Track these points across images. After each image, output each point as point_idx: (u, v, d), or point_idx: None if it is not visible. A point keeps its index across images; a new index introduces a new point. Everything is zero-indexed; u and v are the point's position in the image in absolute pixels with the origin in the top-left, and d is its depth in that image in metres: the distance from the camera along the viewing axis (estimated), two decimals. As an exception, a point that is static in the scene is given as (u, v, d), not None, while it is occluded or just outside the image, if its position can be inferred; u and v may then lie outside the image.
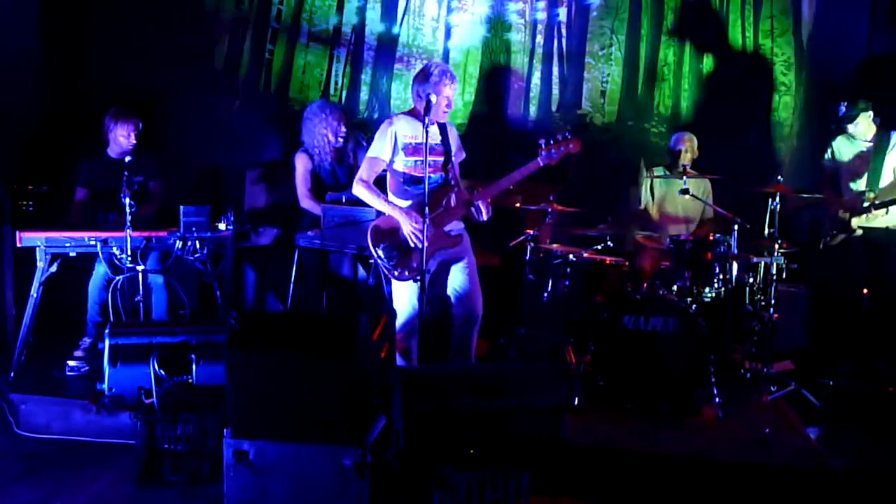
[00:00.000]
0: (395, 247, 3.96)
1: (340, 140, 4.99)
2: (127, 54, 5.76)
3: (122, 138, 4.77)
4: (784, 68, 5.92)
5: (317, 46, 6.17)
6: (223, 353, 3.08)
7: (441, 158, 4.03)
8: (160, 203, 4.92)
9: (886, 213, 4.74)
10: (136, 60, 5.74)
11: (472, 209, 4.02)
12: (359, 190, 4.06)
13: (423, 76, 3.98)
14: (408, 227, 3.94)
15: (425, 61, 6.04)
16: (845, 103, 4.87)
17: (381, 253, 3.95)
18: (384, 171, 4.10)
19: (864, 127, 4.87)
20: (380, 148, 4.04)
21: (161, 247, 4.46)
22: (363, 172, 4.06)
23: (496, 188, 4.01)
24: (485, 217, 4.01)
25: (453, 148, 4.10)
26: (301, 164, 5.01)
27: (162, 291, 4.66)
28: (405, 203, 4.02)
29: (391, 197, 4.08)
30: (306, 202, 4.99)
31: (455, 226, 4.11)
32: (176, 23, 5.92)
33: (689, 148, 5.20)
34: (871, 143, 4.89)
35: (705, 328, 4.18)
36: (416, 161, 4.01)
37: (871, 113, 4.86)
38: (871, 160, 4.85)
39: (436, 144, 3.96)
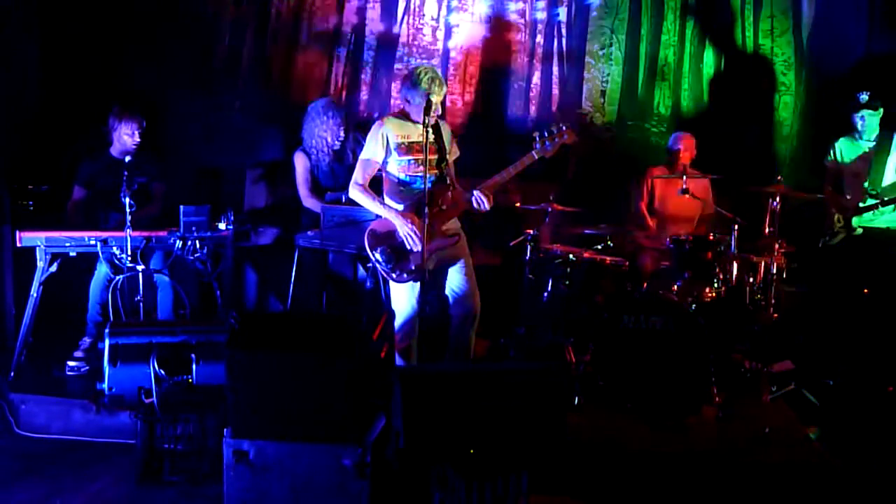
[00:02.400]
0: (392, 249, 3.95)
1: (338, 143, 4.99)
2: (127, 54, 5.75)
3: (126, 136, 4.77)
4: (784, 68, 5.93)
5: (317, 46, 6.17)
6: (223, 353, 3.08)
7: (435, 157, 4.01)
8: (164, 204, 4.91)
9: (893, 209, 4.75)
10: (135, 60, 5.73)
11: (474, 201, 3.98)
12: (354, 193, 4.07)
13: (412, 82, 3.92)
14: (403, 230, 3.93)
15: (425, 61, 6.04)
16: (867, 92, 4.88)
17: (378, 256, 3.95)
18: (379, 172, 4.10)
19: (868, 123, 4.88)
20: (372, 150, 4.03)
21: (162, 247, 4.47)
22: (357, 175, 4.06)
23: (493, 183, 4.00)
24: (487, 207, 3.97)
25: (448, 146, 4.09)
26: (300, 163, 5.01)
27: (168, 290, 4.65)
28: (400, 205, 4.02)
29: (386, 199, 4.08)
30: (309, 201, 4.99)
31: (452, 225, 4.10)
32: (176, 22, 5.91)
33: (687, 148, 5.21)
34: (874, 144, 4.90)
35: (705, 328, 4.18)
36: (409, 161, 4.01)
37: (877, 113, 4.88)
38: (872, 161, 4.86)
39: (430, 143, 3.95)
